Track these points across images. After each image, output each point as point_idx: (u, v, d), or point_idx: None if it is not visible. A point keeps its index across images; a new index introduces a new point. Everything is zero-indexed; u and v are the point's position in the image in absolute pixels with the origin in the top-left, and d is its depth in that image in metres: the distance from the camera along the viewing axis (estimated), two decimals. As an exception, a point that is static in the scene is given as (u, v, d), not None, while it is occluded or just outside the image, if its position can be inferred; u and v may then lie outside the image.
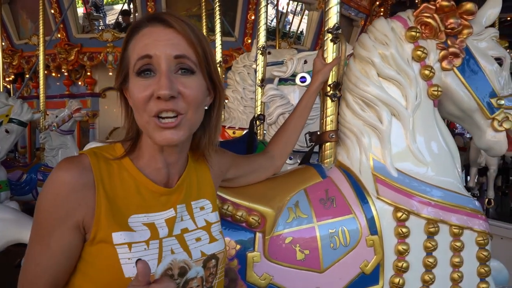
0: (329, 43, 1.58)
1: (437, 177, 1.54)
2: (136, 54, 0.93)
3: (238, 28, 7.90)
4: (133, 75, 0.94)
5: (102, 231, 0.90)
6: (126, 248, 0.91)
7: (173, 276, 0.94)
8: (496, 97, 1.59)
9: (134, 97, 0.93)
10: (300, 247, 1.38)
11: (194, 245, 1.02)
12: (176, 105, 0.91)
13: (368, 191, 1.49)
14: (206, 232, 1.06)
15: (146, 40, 0.93)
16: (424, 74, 1.55)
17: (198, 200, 1.09)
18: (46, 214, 0.90)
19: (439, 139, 1.59)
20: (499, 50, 1.63)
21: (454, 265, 1.49)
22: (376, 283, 1.45)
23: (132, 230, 0.93)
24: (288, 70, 2.93)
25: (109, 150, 1.01)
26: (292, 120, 1.55)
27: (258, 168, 1.44)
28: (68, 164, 0.92)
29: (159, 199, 1.00)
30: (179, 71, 0.93)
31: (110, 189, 0.94)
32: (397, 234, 1.46)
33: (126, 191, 0.96)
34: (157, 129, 0.92)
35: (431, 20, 1.56)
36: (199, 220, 1.07)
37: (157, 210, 0.99)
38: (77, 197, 0.90)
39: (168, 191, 1.02)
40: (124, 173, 0.98)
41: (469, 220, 1.52)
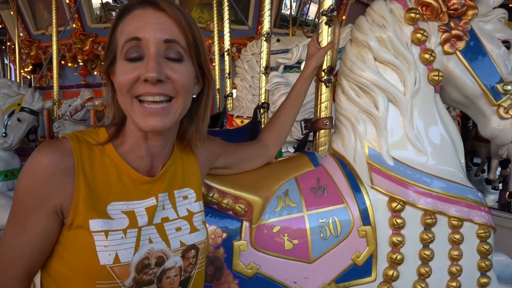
0: (323, 26, 1.51)
1: (436, 167, 1.47)
2: (124, 36, 0.91)
3: (252, 16, 7.82)
4: (121, 58, 0.92)
5: (79, 217, 0.90)
6: (103, 235, 0.90)
7: (150, 265, 0.94)
8: (503, 83, 1.50)
9: (119, 79, 0.91)
10: (289, 236, 1.34)
11: (173, 234, 1.00)
12: (164, 88, 0.90)
13: (362, 180, 1.43)
14: (187, 222, 1.04)
15: (136, 22, 0.91)
16: (424, 58, 1.48)
17: (181, 189, 1.07)
18: (23, 198, 0.90)
19: (439, 127, 1.51)
20: (507, 32, 1.54)
21: (453, 258, 1.43)
22: (368, 275, 1.40)
23: (110, 217, 0.92)
24: (293, 57, 2.87)
25: (92, 134, 0.99)
26: (285, 108, 1.50)
27: (250, 157, 1.40)
28: (48, 148, 0.91)
29: (140, 188, 0.98)
30: (168, 56, 0.92)
31: (90, 175, 0.92)
32: (392, 225, 1.40)
33: (107, 178, 0.95)
34: (142, 113, 0.91)
35: (432, 0, 1.47)
36: (181, 209, 1.05)
37: (138, 198, 0.97)
38: (56, 182, 0.89)
39: (150, 180, 1.00)
40: (106, 160, 0.96)
41: (470, 212, 1.45)
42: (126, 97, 0.91)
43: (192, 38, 0.95)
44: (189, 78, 0.95)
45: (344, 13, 9.01)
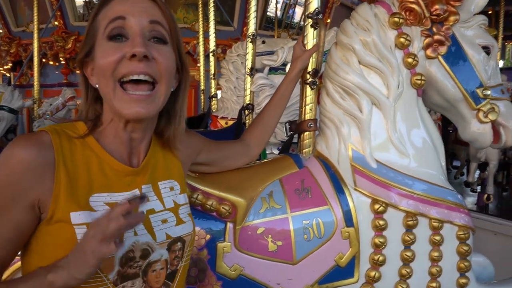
0: (309, 28, 1.52)
1: (418, 169, 1.50)
2: (108, 18, 0.90)
3: (237, 17, 7.82)
4: (103, 41, 0.90)
5: (60, 210, 0.87)
6: (85, 228, 0.86)
7: (134, 258, 0.92)
8: (482, 87, 1.53)
9: (101, 62, 0.89)
10: (272, 238, 1.34)
11: (159, 227, 0.98)
12: (149, 67, 0.89)
13: (346, 182, 1.45)
14: (173, 214, 1.03)
15: (120, 6, 0.91)
16: (407, 62, 1.50)
17: (166, 180, 1.06)
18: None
19: (421, 130, 1.54)
20: (487, 38, 1.58)
21: (433, 259, 1.46)
22: (351, 276, 1.41)
23: (92, 209, 0.89)
24: (278, 59, 2.88)
25: (71, 127, 0.96)
26: (269, 109, 1.51)
27: (233, 155, 1.41)
28: (25, 141, 0.88)
29: (123, 179, 0.96)
30: (152, 39, 0.91)
31: (71, 167, 0.90)
32: (374, 227, 1.42)
33: (89, 169, 0.92)
34: (125, 101, 0.89)
35: (415, 6, 1.50)
36: (167, 201, 1.03)
37: (121, 190, 0.95)
38: (34, 176, 0.86)
39: (133, 171, 0.98)
40: (87, 151, 0.94)
41: (450, 213, 1.47)
42: (109, 81, 0.89)
43: (174, 26, 0.97)
44: (172, 61, 0.95)
45: (329, 16, 9.09)
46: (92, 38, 0.93)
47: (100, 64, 0.89)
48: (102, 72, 0.89)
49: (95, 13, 0.95)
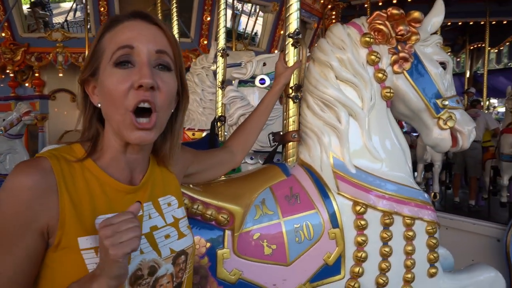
0: (290, 47, 1.65)
1: (390, 172, 1.66)
2: (116, 44, 0.92)
3: (194, 29, 7.87)
4: (109, 66, 0.92)
5: (67, 236, 0.88)
6: (93, 253, 0.89)
7: (143, 276, 0.95)
8: (441, 98, 1.73)
9: (111, 88, 0.91)
10: (268, 242, 1.44)
11: (163, 242, 1.02)
12: (153, 97, 0.91)
13: (329, 187, 1.58)
14: (174, 229, 1.07)
15: (129, 32, 0.94)
16: (378, 77, 1.67)
17: (164, 196, 1.09)
18: (6, 222, 0.86)
19: (392, 137, 1.71)
20: (443, 55, 1.79)
21: (407, 253, 1.62)
22: (338, 273, 1.54)
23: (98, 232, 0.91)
24: (247, 72, 3.00)
25: (68, 151, 0.97)
26: (254, 118, 1.59)
27: (218, 163, 1.45)
28: (28, 168, 0.89)
29: (124, 198, 0.98)
30: (158, 66, 0.94)
31: (74, 191, 0.91)
32: (356, 227, 1.56)
33: (91, 192, 0.94)
34: (132, 127, 0.92)
35: (383, 27, 1.68)
36: (167, 216, 1.07)
37: (124, 209, 0.95)
38: (41, 202, 0.87)
39: (133, 189, 1.01)
40: (87, 174, 0.95)
41: (420, 211, 1.65)
42: (119, 108, 0.91)
43: (178, 52, 1.00)
44: (174, 88, 0.99)
45: (282, 28, 9.38)
46: (98, 59, 0.95)
47: (110, 92, 0.91)
48: (112, 100, 0.91)
49: (101, 34, 0.97)
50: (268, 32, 9.23)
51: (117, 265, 0.80)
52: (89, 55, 0.98)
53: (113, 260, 0.79)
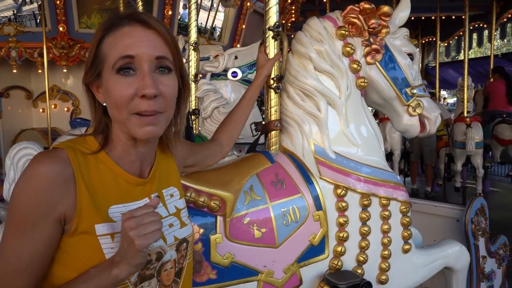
0: (270, 40, 1.72)
1: (366, 157, 1.78)
2: (117, 53, 0.95)
3: (155, 23, 7.72)
4: (111, 73, 0.95)
5: (84, 223, 0.93)
6: (109, 238, 0.95)
7: (151, 261, 1.02)
8: (410, 87, 1.86)
9: (116, 95, 0.95)
10: (257, 226, 1.51)
11: (167, 231, 1.09)
12: (157, 104, 0.96)
13: (312, 173, 1.67)
14: (177, 218, 1.13)
15: (127, 40, 0.96)
16: (353, 68, 1.78)
17: (167, 188, 1.15)
18: (26, 209, 0.90)
19: (366, 124, 1.83)
20: (410, 47, 1.92)
21: (384, 231, 1.74)
22: (322, 252, 1.63)
23: (113, 220, 0.97)
24: (220, 66, 3.03)
25: (82, 143, 1.02)
26: (239, 111, 1.66)
27: (210, 155, 1.54)
28: (47, 158, 0.93)
29: (135, 190, 1.04)
30: (158, 70, 0.98)
31: (89, 181, 0.96)
32: (338, 209, 1.66)
33: (105, 182, 0.99)
34: (138, 125, 0.96)
35: (356, 20, 1.78)
36: (170, 207, 1.13)
37: (134, 200, 1.03)
38: (59, 191, 0.91)
39: (143, 181, 1.06)
40: (100, 166, 1.00)
41: (394, 192, 1.78)
42: (122, 112, 0.96)
43: (176, 51, 1.04)
44: (175, 88, 1.03)
45: (243, 22, 9.41)
46: (100, 64, 0.98)
47: (115, 96, 0.95)
48: (116, 105, 0.96)
49: (100, 38, 0.98)
50: (230, 27, 9.23)
51: (140, 254, 0.87)
52: (90, 59, 1.00)
53: (137, 250, 0.86)
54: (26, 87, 7.70)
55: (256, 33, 9.26)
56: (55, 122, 5.94)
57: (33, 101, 7.56)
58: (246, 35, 9.38)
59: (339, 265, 1.65)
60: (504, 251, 2.83)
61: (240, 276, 1.47)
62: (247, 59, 3.08)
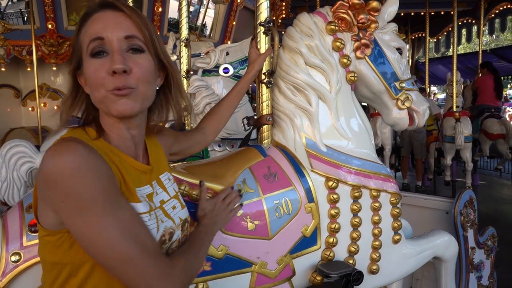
0: (261, 35, 1.74)
1: (357, 149, 1.81)
2: (89, 37, 0.98)
3: (145, 20, 7.70)
4: (87, 57, 0.98)
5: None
6: (147, 216, 1.00)
7: (165, 241, 1.06)
8: (399, 81, 1.90)
9: (91, 76, 0.98)
10: (250, 218, 1.53)
11: (173, 212, 1.13)
12: (128, 80, 0.97)
13: (304, 166, 1.70)
14: (177, 200, 1.18)
15: (97, 24, 0.99)
16: (343, 62, 1.80)
17: (163, 173, 1.18)
18: (96, 187, 0.87)
19: (356, 117, 1.86)
20: (399, 41, 1.95)
21: (375, 222, 1.78)
22: (315, 244, 1.66)
23: (140, 201, 1.00)
24: (211, 62, 3.04)
25: (83, 134, 1.01)
26: (227, 101, 1.69)
27: (194, 143, 1.59)
28: (78, 146, 0.90)
29: (141, 176, 1.06)
30: (130, 50, 0.99)
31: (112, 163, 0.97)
32: (329, 201, 1.69)
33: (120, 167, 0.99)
34: (114, 100, 0.98)
35: (346, 15, 1.81)
36: (170, 190, 1.17)
37: (142, 185, 1.06)
38: (105, 166, 0.92)
39: (149, 168, 1.10)
40: (109, 153, 0.99)
41: (384, 183, 1.81)
42: (100, 91, 0.97)
43: (149, 34, 1.04)
44: (148, 68, 1.03)
45: (234, 19, 9.41)
46: (78, 52, 1.01)
47: (91, 78, 0.98)
48: (93, 84, 0.98)
49: (78, 28, 1.02)
50: (221, 23, 9.22)
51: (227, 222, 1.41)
52: (71, 50, 1.06)
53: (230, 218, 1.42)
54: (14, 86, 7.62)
55: (246, 30, 9.27)
56: (45, 121, 5.89)
57: (22, 99, 7.49)
58: (236, 31, 9.39)
59: (331, 256, 1.68)
60: (492, 242, 2.89)
61: (234, 267, 1.50)
62: (238, 55, 3.09)
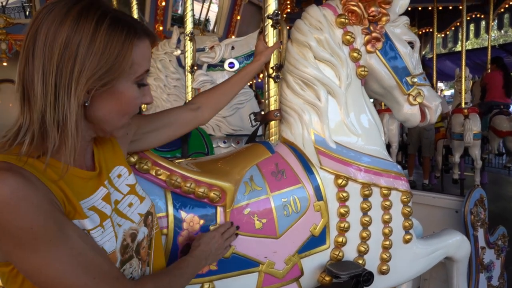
0: (269, 28, 1.69)
1: (367, 146, 1.76)
2: (144, 66, 0.97)
3: (149, 14, 7.65)
4: (130, 82, 0.95)
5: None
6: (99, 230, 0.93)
7: (128, 244, 1.01)
8: (410, 76, 1.84)
9: (129, 102, 0.97)
10: (258, 217, 1.49)
11: (130, 211, 1.06)
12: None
13: (313, 163, 1.65)
14: (134, 195, 1.10)
15: (145, 53, 0.98)
16: (353, 56, 1.75)
17: (112, 170, 1.09)
18: (39, 219, 0.80)
19: (367, 113, 1.80)
20: (410, 35, 1.89)
21: (385, 221, 1.72)
22: (323, 243, 1.62)
23: (86, 216, 0.91)
24: (216, 56, 3.00)
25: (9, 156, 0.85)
26: (230, 83, 1.60)
27: (175, 122, 1.42)
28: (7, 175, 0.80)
29: (88, 184, 0.97)
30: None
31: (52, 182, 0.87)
32: (339, 199, 1.64)
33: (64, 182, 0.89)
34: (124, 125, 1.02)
35: (356, 8, 1.75)
36: (122, 187, 1.08)
37: (91, 194, 0.96)
38: (43, 192, 0.83)
39: (95, 174, 1.00)
40: (46, 170, 0.87)
41: (395, 181, 1.76)
42: (125, 117, 0.99)
43: None
44: None
45: (238, 13, 9.33)
46: (124, 67, 0.92)
47: (126, 106, 0.97)
48: (126, 112, 0.98)
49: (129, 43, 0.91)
50: (225, 18, 9.16)
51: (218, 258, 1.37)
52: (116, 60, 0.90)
53: (220, 257, 1.37)
54: (17, 81, 7.60)
55: (251, 25, 9.19)
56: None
57: (16, 94, 7.47)
58: (241, 26, 9.32)
59: (340, 255, 1.64)
60: (502, 242, 2.83)
61: (241, 267, 1.45)
62: (244, 49, 3.05)
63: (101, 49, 0.87)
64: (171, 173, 1.37)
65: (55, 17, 0.86)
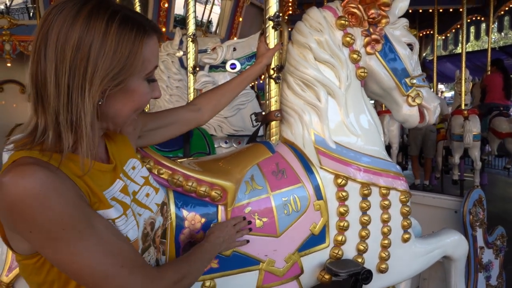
0: (270, 30, 1.71)
1: (366, 146, 1.78)
2: (153, 63, 0.98)
3: (151, 16, 7.69)
4: (141, 78, 0.96)
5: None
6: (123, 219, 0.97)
7: (148, 233, 1.05)
8: (410, 77, 1.86)
9: (141, 98, 0.98)
10: (258, 215, 1.51)
11: (148, 200, 1.10)
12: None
13: (313, 162, 1.67)
14: (149, 186, 1.13)
15: (154, 49, 0.99)
16: (353, 58, 1.77)
17: (127, 162, 1.11)
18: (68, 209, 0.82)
19: (366, 114, 1.83)
20: (410, 37, 1.92)
21: (384, 220, 1.75)
22: (323, 242, 1.64)
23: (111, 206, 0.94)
24: (218, 57, 3.03)
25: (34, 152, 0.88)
26: (231, 84, 1.63)
27: (177, 121, 1.46)
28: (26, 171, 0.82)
29: (106, 176, 1.00)
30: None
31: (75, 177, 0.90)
32: (338, 198, 1.67)
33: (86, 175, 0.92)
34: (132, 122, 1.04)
35: (356, 10, 1.77)
36: (137, 179, 1.11)
37: (109, 185, 0.99)
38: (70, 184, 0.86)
39: (111, 166, 1.03)
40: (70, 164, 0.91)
41: (394, 181, 1.78)
42: (136, 112, 1.01)
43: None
44: None
45: (240, 15, 9.37)
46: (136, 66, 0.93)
47: (137, 102, 0.98)
48: (138, 108, 1.00)
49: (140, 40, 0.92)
50: (227, 20, 9.20)
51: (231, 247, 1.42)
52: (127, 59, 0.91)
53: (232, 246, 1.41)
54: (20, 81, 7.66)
55: (253, 26, 9.23)
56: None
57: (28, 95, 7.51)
58: (243, 28, 9.35)
59: (339, 254, 1.66)
60: (501, 242, 2.85)
61: (242, 265, 1.48)
62: (245, 51, 3.07)
63: (113, 49, 0.88)
64: (173, 172, 1.40)
65: (65, 17, 0.86)
